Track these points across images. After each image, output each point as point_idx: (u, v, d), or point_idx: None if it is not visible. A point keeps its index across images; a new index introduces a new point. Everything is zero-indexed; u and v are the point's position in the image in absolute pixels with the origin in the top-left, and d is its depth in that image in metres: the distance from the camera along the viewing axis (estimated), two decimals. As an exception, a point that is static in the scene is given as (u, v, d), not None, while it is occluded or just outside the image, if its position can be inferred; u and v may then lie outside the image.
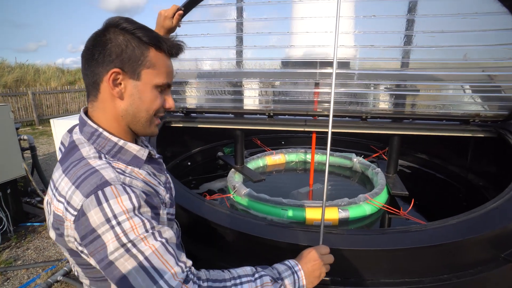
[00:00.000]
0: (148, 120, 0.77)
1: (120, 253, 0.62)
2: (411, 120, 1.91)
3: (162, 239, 0.66)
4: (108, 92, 0.73)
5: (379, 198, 1.81)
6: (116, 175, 0.66)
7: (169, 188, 0.85)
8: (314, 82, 1.86)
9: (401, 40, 1.57)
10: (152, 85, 0.75)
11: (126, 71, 0.72)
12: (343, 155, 2.64)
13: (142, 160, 0.77)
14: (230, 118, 2.07)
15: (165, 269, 0.64)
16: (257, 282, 0.73)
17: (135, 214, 0.64)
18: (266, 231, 1.02)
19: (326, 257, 0.87)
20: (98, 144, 0.73)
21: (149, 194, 0.71)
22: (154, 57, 0.74)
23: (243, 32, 1.60)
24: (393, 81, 1.83)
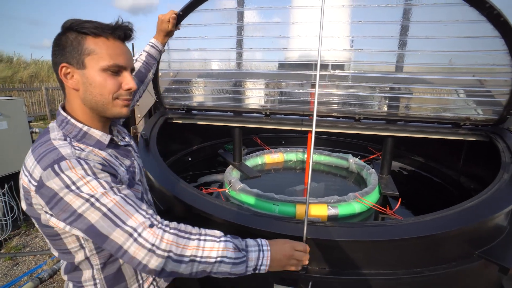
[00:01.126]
0: (108, 103, 0.84)
1: (86, 207, 0.71)
2: (404, 122, 1.96)
3: (121, 194, 0.76)
4: (67, 86, 0.83)
5: (370, 197, 1.86)
6: (72, 151, 0.75)
7: (132, 172, 0.94)
8: (311, 84, 1.93)
9: (393, 44, 1.63)
10: (99, 70, 0.81)
11: (72, 63, 0.80)
12: (340, 155, 2.69)
13: (104, 144, 0.86)
14: (228, 116, 2.16)
15: (127, 216, 0.73)
16: (220, 244, 0.79)
17: (92, 179, 0.74)
18: (251, 220, 1.10)
19: (299, 254, 0.91)
20: (66, 130, 0.83)
21: (106, 165, 0.80)
22: (92, 43, 0.80)
23: (241, 35, 1.68)
24: (386, 84, 1.89)
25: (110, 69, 0.82)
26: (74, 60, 0.80)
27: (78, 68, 0.81)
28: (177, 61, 1.92)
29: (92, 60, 0.80)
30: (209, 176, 2.48)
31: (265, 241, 0.89)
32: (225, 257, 0.78)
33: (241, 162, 2.45)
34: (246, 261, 0.82)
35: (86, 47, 0.80)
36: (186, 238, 0.76)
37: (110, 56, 0.81)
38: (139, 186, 0.97)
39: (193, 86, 2.11)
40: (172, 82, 2.08)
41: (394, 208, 1.64)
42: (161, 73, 2.00)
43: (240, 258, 0.80)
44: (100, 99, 0.83)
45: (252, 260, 0.83)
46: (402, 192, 1.95)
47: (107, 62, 0.81)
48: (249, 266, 0.82)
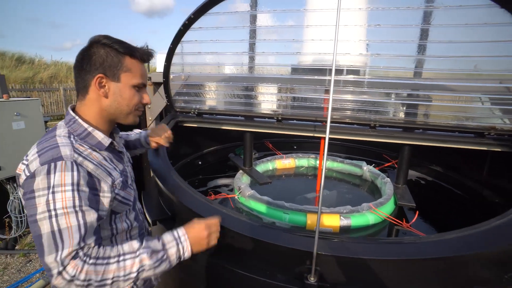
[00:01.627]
0: (129, 113, 1.00)
1: (44, 216, 0.78)
2: (423, 130, 1.86)
3: (80, 221, 0.81)
4: (95, 93, 0.94)
5: (384, 208, 1.78)
6: (71, 153, 0.84)
7: (124, 175, 1.02)
8: (324, 89, 1.87)
9: (412, 50, 1.56)
10: (130, 85, 0.96)
11: (108, 75, 0.93)
12: (354, 162, 2.61)
13: (104, 146, 0.96)
14: (240, 121, 2.12)
15: (68, 244, 0.78)
16: (138, 257, 0.85)
17: (71, 189, 0.80)
18: (257, 231, 1.05)
19: (214, 229, 1.02)
20: (72, 128, 0.92)
21: (96, 177, 0.88)
22: (130, 63, 0.96)
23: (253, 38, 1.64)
24: (404, 90, 1.81)
25: (138, 86, 0.98)
26: (111, 73, 0.94)
27: (113, 80, 0.94)
28: (188, 64, 1.90)
29: (126, 77, 0.96)
30: (219, 180, 2.45)
31: (182, 231, 0.96)
32: (145, 265, 0.85)
33: (252, 167, 2.41)
34: (167, 258, 0.90)
35: (125, 65, 0.95)
36: (104, 265, 0.82)
37: (141, 76, 0.99)
38: (131, 190, 1.05)
39: (204, 89, 2.09)
40: (183, 85, 2.06)
41: (411, 222, 1.56)
42: (172, 76, 1.99)
43: (160, 259, 0.88)
44: (125, 109, 0.98)
45: (172, 255, 0.91)
46: (419, 204, 1.85)
47: (137, 80, 0.97)
48: (172, 261, 0.91)
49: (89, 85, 0.93)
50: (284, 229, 1.09)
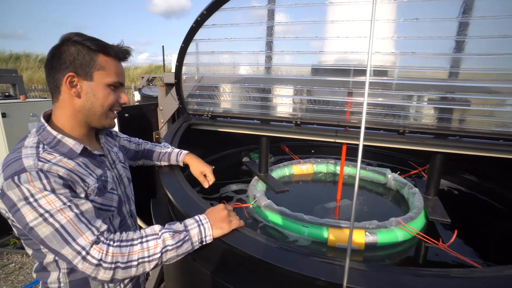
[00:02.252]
0: (104, 114, 0.95)
1: (38, 221, 0.77)
2: (459, 138, 1.68)
3: (77, 211, 0.81)
4: (67, 92, 0.89)
5: (415, 223, 1.61)
6: (34, 163, 0.80)
7: (103, 181, 0.97)
8: (347, 91, 1.72)
9: (449, 47, 1.38)
10: (104, 84, 0.92)
11: (80, 74, 0.89)
12: (377, 169, 2.43)
13: (75, 153, 0.90)
14: (255, 124, 2.00)
15: (78, 234, 0.79)
16: (160, 238, 0.88)
17: (50, 193, 0.78)
18: (273, 256, 0.91)
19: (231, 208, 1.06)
20: (42, 136, 0.87)
21: (70, 180, 0.84)
22: (103, 61, 0.91)
23: (270, 36, 1.51)
24: (438, 93, 1.62)
25: (113, 85, 0.94)
26: (83, 71, 0.89)
27: (85, 79, 0.90)
28: (201, 64, 1.80)
29: (100, 75, 0.91)
30: (233, 186, 2.33)
31: (202, 216, 0.99)
32: (168, 245, 0.87)
33: (268, 173, 2.27)
34: (190, 239, 0.92)
35: (98, 63, 0.90)
36: (129, 246, 0.84)
37: (116, 74, 0.94)
38: (113, 195, 1.00)
39: (218, 91, 1.97)
40: (196, 87, 1.96)
41: (449, 241, 1.38)
42: (185, 77, 1.89)
43: (182, 240, 0.90)
44: (99, 109, 0.94)
45: (195, 236, 0.93)
46: (451, 218, 1.67)
47: (112, 79, 0.93)
48: (194, 242, 0.93)
49: (60, 84, 0.89)
50: (305, 252, 0.95)
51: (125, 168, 1.17)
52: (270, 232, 1.65)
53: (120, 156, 1.17)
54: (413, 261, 1.49)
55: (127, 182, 1.15)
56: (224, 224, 0.99)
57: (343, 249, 1.49)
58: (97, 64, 0.90)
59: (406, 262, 1.48)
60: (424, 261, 1.50)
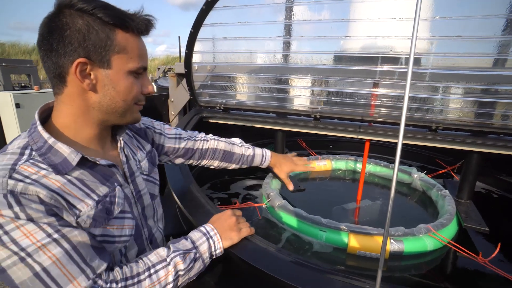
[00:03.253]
0: (127, 110, 0.74)
1: (12, 261, 0.56)
2: (501, 136, 1.48)
3: (66, 245, 0.59)
4: (77, 85, 0.66)
5: (446, 231, 1.44)
6: (1, 182, 0.57)
7: (108, 202, 0.71)
8: (373, 82, 1.55)
9: (497, 28, 1.18)
10: (126, 71, 0.69)
11: (94, 59, 0.65)
12: (401, 168, 2.24)
13: (70, 165, 0.66)
14: (271, 118, 1.86)
15: (66, 280, 0.58)
16: (170, 264, 0.72)
17: (27, 222, 0.56)
18: (292, 273, 0.79)
19: (240, 216, 0.93)
20: (33, 138, 0.66)
21: (55, 205, 0.61)
22: (123, 40, 0.67)
23: (288, 19, 1.36)
24: (478, 84, 1.43)
25: (137, 71, 0.71)
26: (97, 56, 0.65)
27: (100, 67, 0.67)
28: (213, 52, 1.67)
29: (119, 60, 0.68)
30: (246, 182, 2.22)
31: (209, 226, 0.86)
32: (180, 270, 0.73)
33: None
34: (200, 256, 0.79)
35: (117, 43, 0.66)
36: (136, 284, 0.67)
37: (140, 56, 0.71)
38: (124, 219, 0.75)
39: (231, 82, 1.85)
40: (208, 77, 1.84)
41: (491, 255, 1.21)
42: (196, 67, 1.77)
43: (193, 260, 0.77)
44: (122, 105, 0.72)
45: (205, 252, 0.80)
46: (490, 227, 1.48)
47: (136, 64, 0.70)
48: (205, 259, 0.80)
49: (65, 73, 0.65)
50: (320, 268, 0.82)
51: (150, 181, 0.91)
52: (284, 235, 1.53)
53: (143, 165, 0.90)
54: (443, 273, 1.34)
55: (148, 200, 0.88)
56: (234, 234, 0.87)
57: (364, 257, 1.35)
58: (116, 45, 0.66)
59: (434, 273, 1.33)
60: (456, 274, 1.34)
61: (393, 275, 1.31)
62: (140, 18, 0.69)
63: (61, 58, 0.64)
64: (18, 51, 14.86)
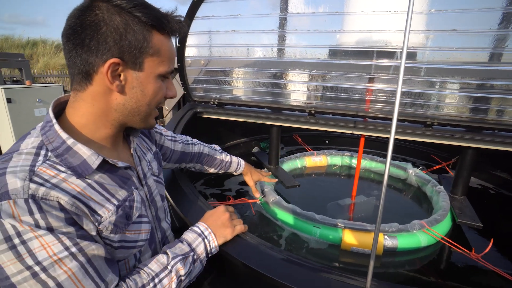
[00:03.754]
0: (149, 114, 0.71)
1: (23, 277, 0.51)
2: (496, 131, 1.47)
3: (83, 259, 0.56)
4: (104, 85, 0.63)
5: (440, 227, 1.44)
6: (22, 185, 0.53)
7: (128, 207, 0.70)
8: (369, 77, 1.53)
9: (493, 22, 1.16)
10: (156, 75, 0.66)
11: (127, 60, 0.62)
12: (396, 163, 2.24)
13: (90, 168, 0.63)
14: (266, 113, 1.84)
15: None
16: (172, 271, 0.71)
17: (47, 233, 0.53)
18: (283, 271, 0.78)
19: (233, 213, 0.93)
20: (47, 137, 0.61)
21: (76, 213, 0.58)
22: (158, 42, 0.64)
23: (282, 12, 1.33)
24: (474, 79, 1.41)
25: (165, 75, 0.70)
26: (131, 57, 0.62)
27: (132, 69, 0.64)
28: (206, 46, 1.64)
29: (151, 63, 0.65)
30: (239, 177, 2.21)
31: (203, 225, 0.84)
32: (181, 275, 0.72)
33: (278, 166, 2.13)
34: (198, 258, 0.78)
35: (152, 45, 0.63)
36: None
37: (170, 60, 0.69)
38: (141, 224, 0.74)
39: (225, 76, 1.82)
40: (202, 71, 1.81)
41: (483, 252, 1.20)
42: (190, 61, 1.74)
43: (191, 263, 0.76)
44: (145, 109, 0.69)
45: (202, 253, 0.80)
46: (484, 222, 1.48)
47: (166, 68, 0.68)
48: (202, 260, 0.80)
49: (93, 71, 0.61)
50: (313, 266, 0.81)
51: (159, 182, 0.90)
52: (278, 231, 1.52)
53: (154, 166, 0.89)
54: (436, 269, 1.34)
55: (160, 201, 0.87)
56: (227, 231, 0.87)
57: (358, 253, 1.35)
58: (151, 47, 0.63)
59: (428, 269, 1.33)
60: (450, 269, 1.34)
61: (387, 271, 1.31)
62: (174, 20, 0.66)
63: (92, 56, 0.60)
64: (11, 45, 14.62)
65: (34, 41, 15.76)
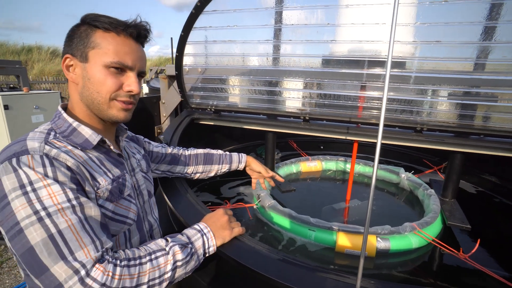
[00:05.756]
0: (104, 103, 0.78)
1: (31, 221, 0.59)
2: (482, 137, 1.54)
3: (81, 215, 0.65)
4: (69, 77, 0.79)
5: (431, 229, 1.49)
6: (40, 145, 0.67)
7: (120, 184, 0.81)
8: (360, 85, 1.59)
9: (477, 34, 1.23)
10: (101, 65, 0.76)
11: (76, 55, 0.77)
12: (389, 168, 2.30)
13: (91, 144, 0.77)
14: (261, 119, 1.89)
15: (77, 245, 0.61)
16: (169, 253, 0.75)
17: (55, 182, 0.63)
18: (280, 271, 0.82)
19: (232, 216, 0.97)
20: (56, 124, 0.77)
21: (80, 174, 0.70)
22: (100, 37, 0.76)
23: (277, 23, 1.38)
24: (460, 87, 1.48)
25: (113, 66, 0.77)
26: (78, 52, 0.77)
27: (81, 61, 0.77)
28: (203, 55, 1.69)
29: (96, 55, 0.76)
30: (237, 183, 2.24)
31: (203, 224, 0.90)
32: (178, 260, 0.76)
33: (274, 171, 2.17)
34: (195, 252, 0.82)
35: (93, 40, 0.76)
36: (138, 265, 0.69)
37: (116, 52, 0.77)
38: (131, 203, 0.84)
39: (221, 84, 1.87)
40: (199, 79, 1.85)
41: (471, 252, 1.26)
42: (187, 69, 1.79)
43: (189, 254, 0.79)
44: (96, 97, 0.78)
45: (200, 248, 0.83)
46: (472, 224, 1.54)
47: (110, 59, 0.76)
48: (199, 255, 0.83)
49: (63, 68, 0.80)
50: (308, 265, 0.85)
51: (147, 179, 1.00)
52: (275, 235, 1.56)
53: (142, 164, 1.00)
54: (427, 270, 1.38)
55: (146, 195, 0.96)
56: (226, 233, 0.91)
57: (352, 255, 1.39)
58: (92, 41, 0.76)
59: (420, 270, 1.37)
60: (440, 270, 1.38)
61: (380, 272, 1.35)
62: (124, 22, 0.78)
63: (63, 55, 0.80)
64: (6, 51, 14.56)
65: (29, 47, 15.72)
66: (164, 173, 1.29)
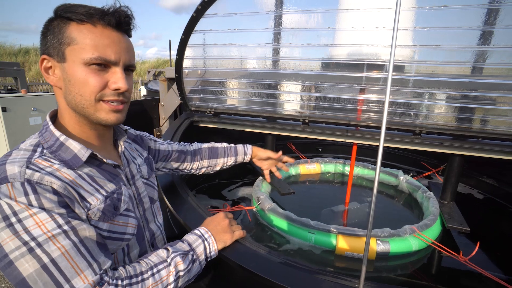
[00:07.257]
0: (90, 106, 0.69)
1: (21, 253, 0.56)
2: (480, 140, 1.55)
3: (75, 238, 0.60)
4: (50, 82, 0.70)
5: (430, 231, 1.49)
6: (20, 170, 0.60)
7: (115, 199, 0.74)
8: (360, 88, 1.60)
9: (475, 38, 1.24)
10: (80, 63, 0.66)
11: (52, 55, 0.67)
12: (388, 170, 2.30)
13: (80, 161, 0.70)
14: (261, 122, 1.90)
15: (73, 272, 0.58)
16: (171, 264, 0.73)
17: (40, 211, 0.58)
18: (280, 274, 0.82)
19: (232, 219, 0.96)
20: (44, 138, 0.70)
21: (68, 196, 0.64)
22: (75, 31, 0.66)
23: (277, 27, 1.39)
24: (459, 91, 1.49)
25: (93, 62, 0.67)
26: (54, 51, 0.67)
27: (58, 61, 0.68)
28: (203, 58, 1.70)
29: (72, 52, 0.66)
30: (236, 186, 2.24)
31: (203, 229, 0.88)
32: (180, 270, 0.74)
33: (272, 173, 2.17)
34: (197, 258, 0.80)
35: (67, 35, 0.66)
36: (140, 283, 0.67)
37: (95, 47, 0.66)
38: (129, 217, 0.78)
39: (221, 87, 1.87)
40: (199, 82, 1.86)
41: (470, 254, 1.26)
42: (187, 72, 1.79)
43: (191, 261, 0.78)
44: (80, 100, 0.69)
45: (201, 254, 0.82)
46: (471, 227, 1.54)
47: (89, 55, 0.66)
48: (201, 261, 0.81)
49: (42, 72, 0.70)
50: (309, 268, 0.85)
51: (149, 185, 0.93)
52: (275, 237, 1.55)
53: (143, 169, 0.93)
54: (427, 272, 1.39)
55: (148, 203, 0.90)
56: (227, 236, 0.90)
57: (352, 258, 1.39)
58: (67, 37, 0.65)
59: (419, 273, 1.38)
60: (440, 273, 1.39)
61: (380, 275, 1.35)
62: (105, 10, 0.67)
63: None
64: (3, 53, 14.51)
65: (27, 49, 15.68)
66: (171, 171, 1.26)
